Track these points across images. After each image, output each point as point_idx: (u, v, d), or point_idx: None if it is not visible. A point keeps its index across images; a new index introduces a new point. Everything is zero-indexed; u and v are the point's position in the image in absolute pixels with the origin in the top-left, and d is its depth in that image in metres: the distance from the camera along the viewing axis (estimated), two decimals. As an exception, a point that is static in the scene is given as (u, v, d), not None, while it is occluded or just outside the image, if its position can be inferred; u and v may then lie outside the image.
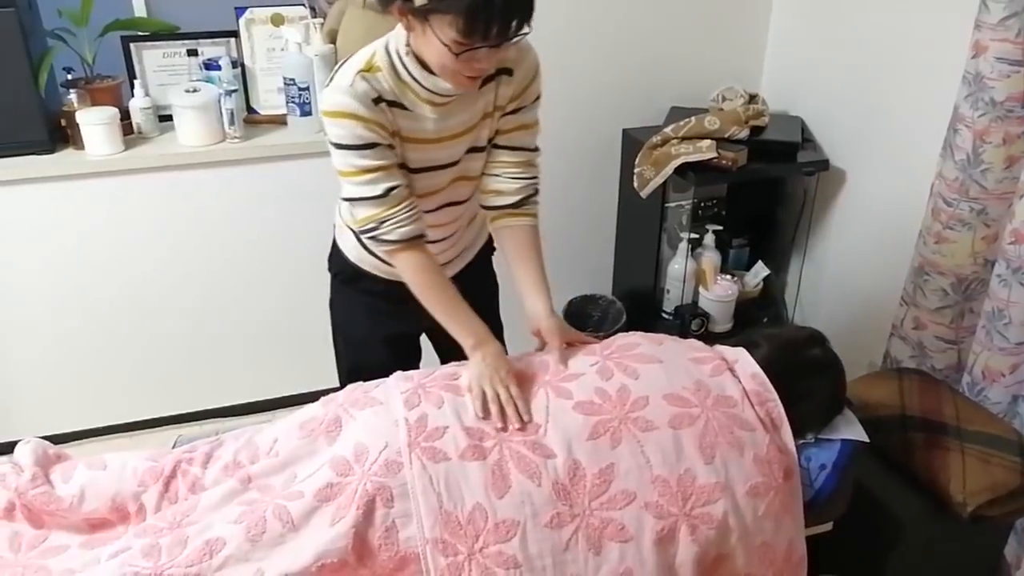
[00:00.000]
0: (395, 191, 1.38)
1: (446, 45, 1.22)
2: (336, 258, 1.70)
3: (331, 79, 1.36)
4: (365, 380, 1.50)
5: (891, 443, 1.80)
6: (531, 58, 1.44)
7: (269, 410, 2.50)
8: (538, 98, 1.49)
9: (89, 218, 2.22)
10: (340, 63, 1.38)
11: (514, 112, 1.47)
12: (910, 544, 1.73)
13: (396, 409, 1.37)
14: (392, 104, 1.35)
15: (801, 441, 1.48)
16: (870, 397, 1.87)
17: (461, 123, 1.42)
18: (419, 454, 1.29)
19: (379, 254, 1.52)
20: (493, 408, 1.35)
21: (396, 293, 1.56)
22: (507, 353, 1.49)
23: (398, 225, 1.40)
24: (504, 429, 1.33)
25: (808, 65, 2.51)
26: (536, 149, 1.54)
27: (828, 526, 1.57)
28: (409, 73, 1.34)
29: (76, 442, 2.42)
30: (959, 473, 1.70)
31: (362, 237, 1.47)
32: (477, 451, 1.31)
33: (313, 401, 1.49)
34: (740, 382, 1.44)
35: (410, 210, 1.41)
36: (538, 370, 1.46)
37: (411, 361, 1.74)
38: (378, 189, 1.37)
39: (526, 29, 1.24)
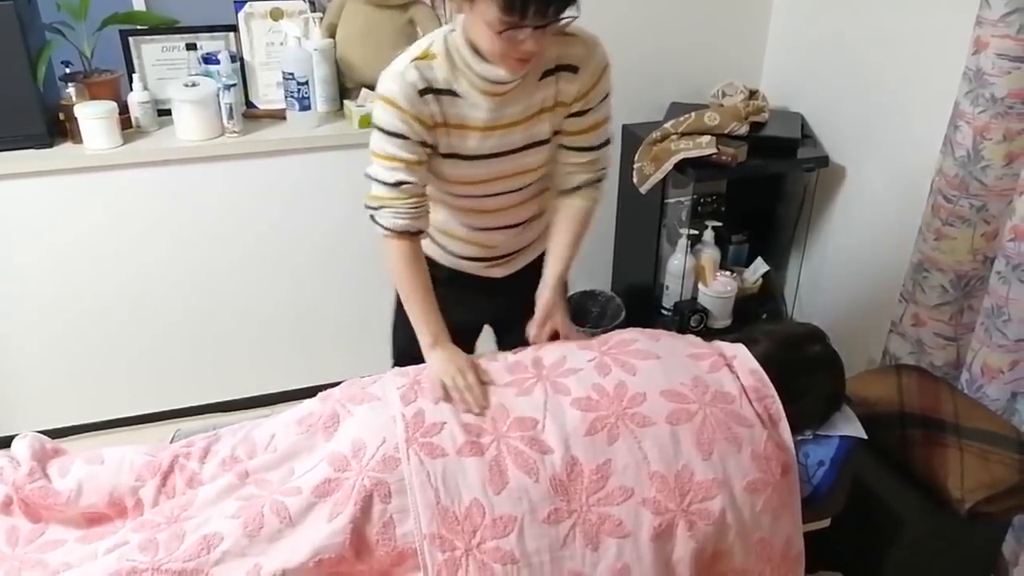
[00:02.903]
0: (406, 186, 1.40)
1: (489, 24, 1.24)
2: None
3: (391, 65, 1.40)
4: (412, 364, 1.51)
5: (890, 440, 1.80)
6: (598, 56, 1.43)
7: (268, 405, 2.50)
8: (607, 97, 1.48)
9: (87, 212, 2.21)
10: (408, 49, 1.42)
11: (581, 114, 1.46)
12: (908, 541, 1.73)
13: (393, 405, 1.37)
14: (443, 92, 1.37)
15: (799, 437, 1.48)
16: (869, 394, 1.87)
17: (516, 113, 1.42)
18: (416, 450, 1.29)
19: (443, 245, 1.59)
20: (454, 395, 1.37)
21: (460, 282, 1.61)
22: None
23: (396, 216, 1.42)
24: (467, 411, 1.36)
25: (808, 61, 2.50)
26: (603, 144, 1.53)
27: (826, 522, 1.57)
28: (463, 59, 1.35)
29: (76, 436, 2.42)
30: (957, 470, 1.70)
31: (367, 211, 1.48)
32: (475, 447, 1.31)
33: (312, 396, 1.49)
34: (738, 378, 1.44)
35: (414, 208, 1.42)
36: (506, 369, 1.47)
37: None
38: (391, 177, 1.40)
39: (570, 12, 1.25)
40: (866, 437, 1.55)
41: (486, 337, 1.84)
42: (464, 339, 1.70)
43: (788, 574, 1.39)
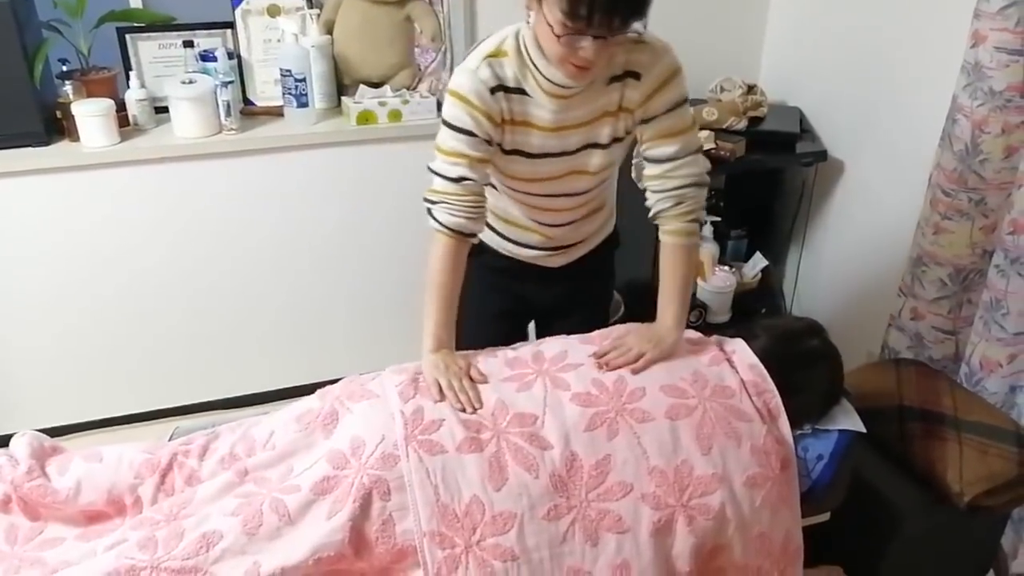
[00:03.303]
0: (467, 182, 1.41)
1: (550, 26, 1.24)
2: None
3: (465, 57, 1.41)
4: (466, 350, 1.51)
5: (889, 434, 1.81)
6: (663, 64, 1.41)
7: (269, 402, 2.50)
8: (677, 106, 1.43)
9: (85, 210, 2.21)
10: (479, 41, 1.43)
11: (646, 121, 1.45)
12: (907, 534, 1.73)
13: (392, 402, 1.37)
14: (513, 91, 1.39)
15: (798, 432, 1.48)
16: (868, 388, 1.87)
17: (580, 116, 1.42)
18: (416, 447, 1.29)
19: (503, 232, 1.61)
20: (449, 395, 1.38)
21: (516, 271, 1.64)
22: None
23: (452, 213, 1.42)
24: (463, 410, 1.36)
25: (807, 55, 2.50)
26: (677, 158, 1.46)
27: (825, 516, 1.57)
28: (531, 59, 1.36)
29: (75, 435, 2.41)
30: (956, 463, 1.70)
31: (424, 204, 1.47)
32: (474, 443, 1.31)
33: (311, 393, 1.49)
34: (738, 373, 1.44)
35: (472, 206, 1.42)
36: (506, 364, 1.47)
37: (516, 340, 1.72)
38: (453, 172, 1.41)
39: (635, 26, 1.25)
40: (865, 431, 1.55)
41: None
42: (514, 326, 1.76)
43: (788, 568, 1.39)
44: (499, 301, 1.69)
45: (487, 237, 1.63)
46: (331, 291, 2.51)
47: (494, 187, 1.55)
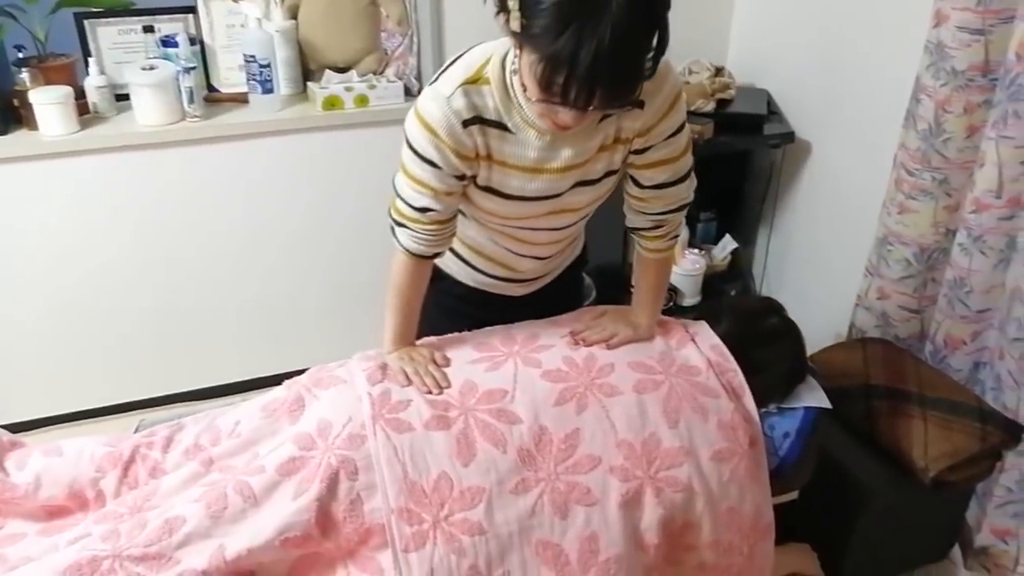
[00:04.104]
0: (431, 213, 1.31)
1: (527, 84, 1.12)
2: None
3: (438, 75, 1.25)
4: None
5: (855, 412, 1.83)
6: (668, 88, 1.26)
7: (237, 393, 2.47)
8: (676, 133, 1.31)
9: (45, 201, 2.16)
10: (457, 56, 1.26)
11: (641, 152, 1.32)
12: (874, 510, 1.75)
13: (359, 385, 1.37)
14: (490, 124, 1.24)
15: (763, 410, 1.50)
16: (835, 367, 1.89)
17: (570, 157, 1.28)
18: (383, 426, 1.29)
19: (468, 260, 1.53)
20: (415, 380, 1.37)
21: (476, 299, 1.57)
22: None
23: (414, 240, 1.35)
24: (430, 392, 1.36)
25: (774, 37, 2.51)
26: (663, 186, 1.37)
27: (794, 494, 1.59)
28: (516, 95, 1.22)
29: (42, 429, 2.37)
30: (921, 440, 1.73)
31: (388, 220, 1.40)
32: (442, 421, 1.31)
33: (280, 384, 1.47)
34: (703, 353, 1.46)
35: (435, 235, 1.34)
36: (474, 347, 1.47)
37: None
38: (417, 202, 1.30)
39: (622, 105, 1.12)
40: (830, 406, 1.57)
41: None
42: None
43: (758, 543, 1.40)
44: (460, 327, 1.59)
45: (452, 267, 1.56)
46: (300, 279, 2.49)
47: (463, 213, 1.43)
